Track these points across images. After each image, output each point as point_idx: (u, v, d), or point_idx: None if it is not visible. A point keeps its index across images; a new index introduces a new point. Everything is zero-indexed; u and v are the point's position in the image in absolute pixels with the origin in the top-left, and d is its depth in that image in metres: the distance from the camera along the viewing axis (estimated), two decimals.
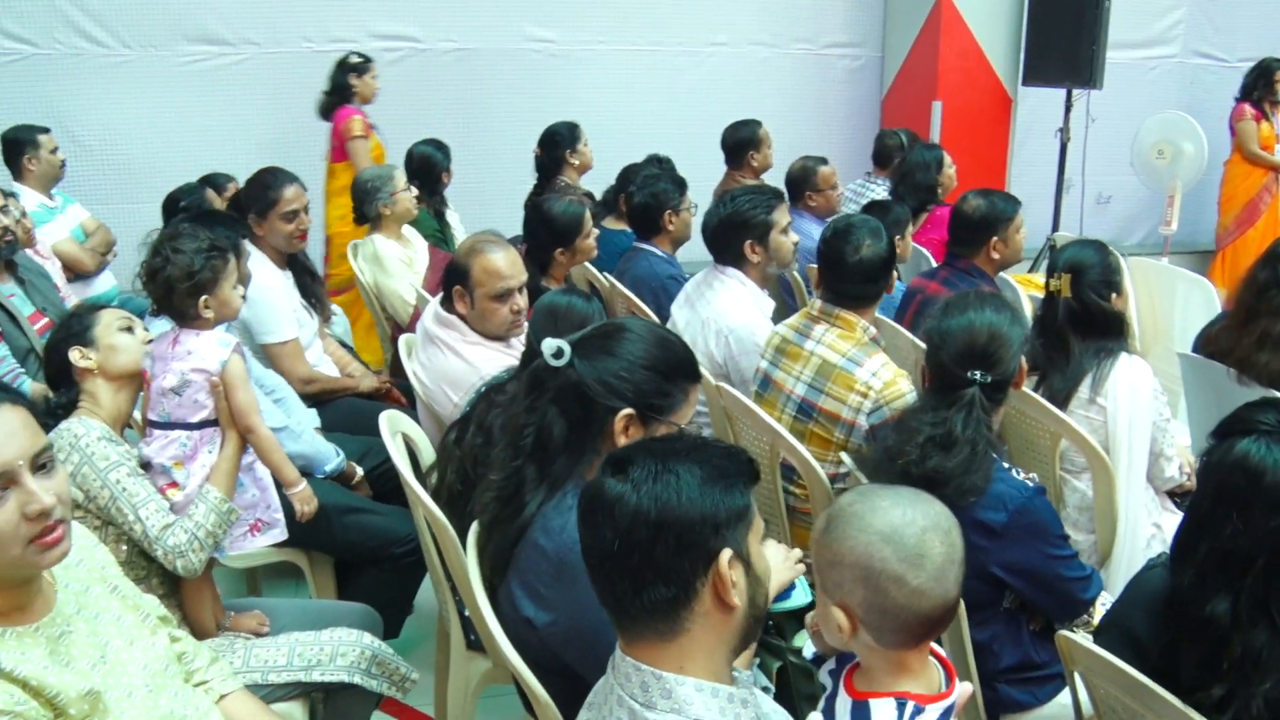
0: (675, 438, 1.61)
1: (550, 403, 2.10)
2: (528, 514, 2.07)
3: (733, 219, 3.72)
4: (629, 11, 7.26)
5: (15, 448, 1.73)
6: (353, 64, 6.17)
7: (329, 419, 3.82)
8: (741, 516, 1.52)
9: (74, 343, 2.60)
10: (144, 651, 2.00)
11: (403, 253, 4.78)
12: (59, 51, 6.74)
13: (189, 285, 2.67)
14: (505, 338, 3.27)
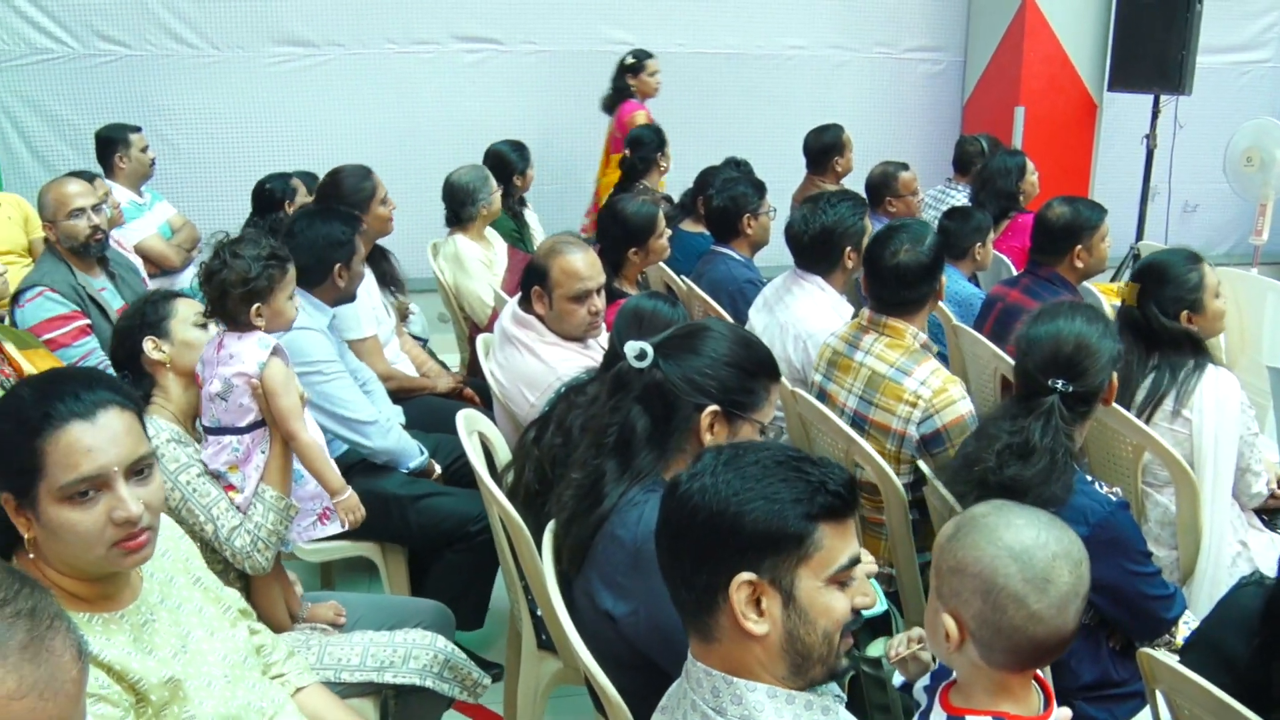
0: (780, 447, 1.56)
1: (634, 402, 2.12)
2: (607, 505, 2.09)
3: (837, 226, 3.68)
4: (708, 14, 7.24)
5: (115, 454, 1.77)
6: (628, 65, 6.38)
7: (405, 415, 3.86)
8: (781, 545, 1.46)
9: (149, 332, 2.61)
10: (224, 643, 2.03)
11: (483, 254, 4.82)
12: (150, 53, 6.88)
13: (243, 291, 2.66)
14: (583, 339, 3.28)
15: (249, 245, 2.72)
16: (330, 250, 3.44)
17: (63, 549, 1.76)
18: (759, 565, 1.47)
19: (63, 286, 3.95)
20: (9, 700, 1.05)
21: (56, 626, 1.11)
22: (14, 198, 5.64)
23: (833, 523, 1.48)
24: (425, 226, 5.31)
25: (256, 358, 2.61)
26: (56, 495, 1.73)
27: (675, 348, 2.14)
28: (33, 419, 1.72)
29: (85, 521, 1.74)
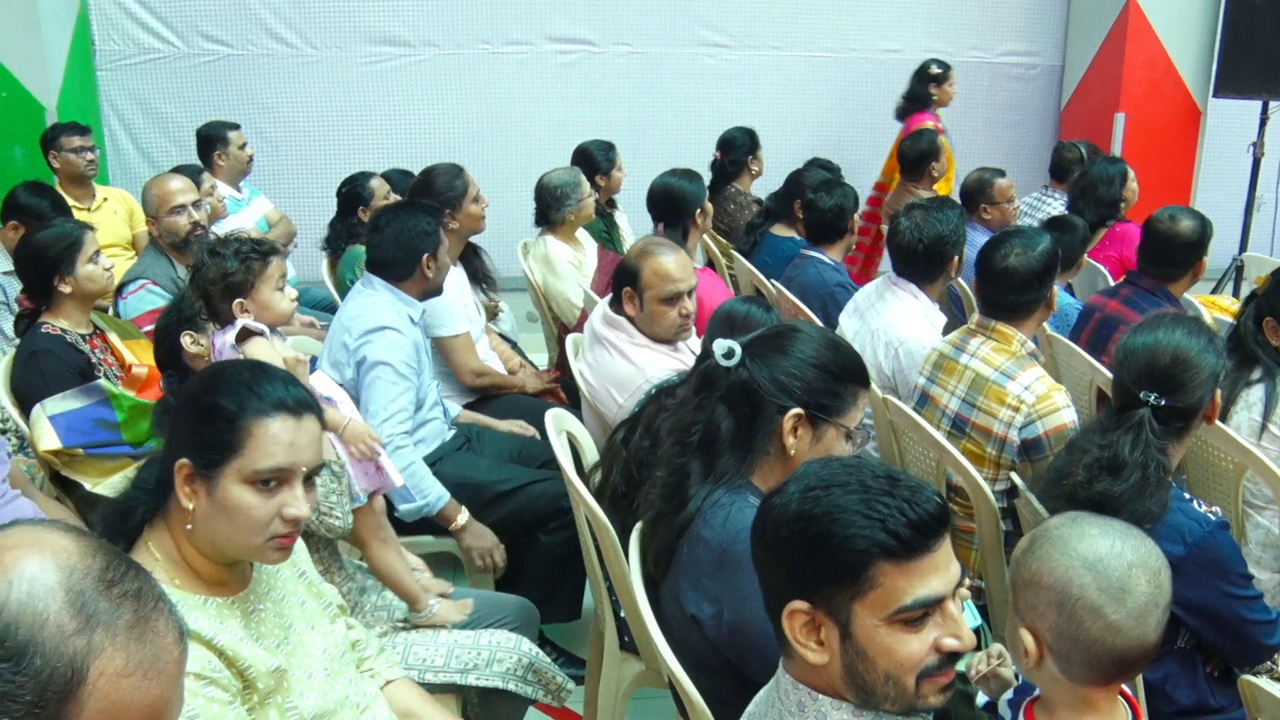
0: (874, 469, 1.48)
1: (719, 400, 2.11)
2: (691, 509, 2.08)
3: (951, 235, 3.62)
4: (802, 18, 7.20)
5: (307, 455, 1.85)
6: (933, 74, 6.42)
7: (492, 414, 3.89)
8: (833, 577, 1.41)
9: (185, 327, 2.65)
10: (323, 637, 2.06)
11: (573, 255, 4.83)
12: (251, 52, 7.04)
13: (223, 287, 2.70)
14: (673, 341, 3.27)
15: (229, 242, 2.76)
16: (416, 241, 3.47)
17: (224, 528, 1.81)
18: (812, 596, 1.43)
19: (164, 280, 4.05)
20: (116, 677, 1.07)
21: (160, 608, 1.13)
22: (120, 192, 5.81)
23: (894, 562, 1.39)
24: (515, 226, 5.35)
25: (230, 333, 2.63)
26: (244, 476, 1.79)
27: (763, 348, 2.12)
28: (250, 399, 1.80)
29: (261, 509, 1.81)
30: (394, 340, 3.33)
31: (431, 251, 3.50)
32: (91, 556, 1.11)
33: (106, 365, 3.47)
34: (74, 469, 3.25)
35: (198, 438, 1.81)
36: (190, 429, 1.83)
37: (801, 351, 2.08)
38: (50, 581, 1.07)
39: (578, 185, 4.88)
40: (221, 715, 1.73)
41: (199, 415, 1.82)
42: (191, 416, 1.84)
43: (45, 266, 3.45)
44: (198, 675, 1.71)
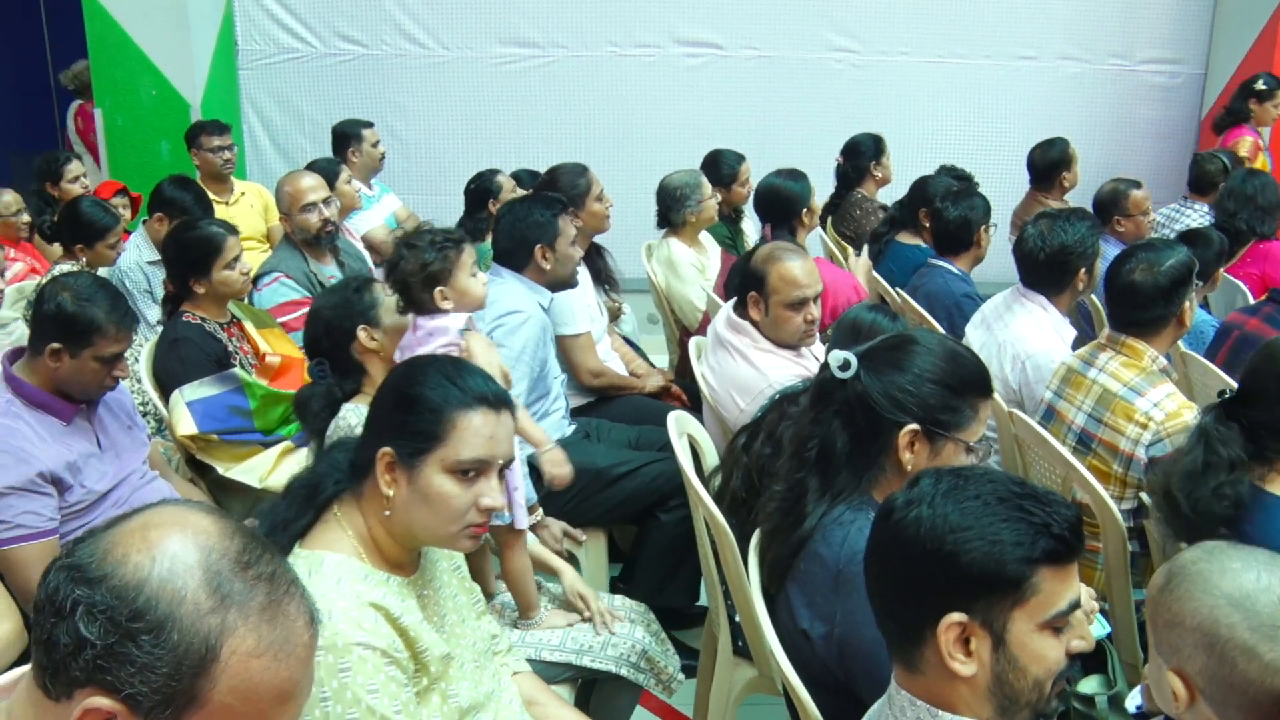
0: (1005, 480, 1.48)
1: (835, 415, 2.08)
2: (808, 526, 2.05)
3: (1076, 246, 3.52)
4: (935, 23, 7.08)
5: (505, 449, 1.92)
6: (1258, 89, 6.34)
7: (612, 415, 3.90)
8: (997, 588, 1.40)
9: (360, 321, 2.71)
10: (472, 630, 2.10)
11: (696, 258, 4.83)
12: (385, 52, 7.19)
13: (423, 277, 2.75)
14: (796, 346, 3.25)
15: (422, 235, 2.81)
16: (529, 231, 3.52)
17: (422, 515, 1.87)
18: (971, 606, 1.41)
19: (296, 273, 4.17)
20: (247, 658, 1.10)
21: (292, 592, 1.16)
22: (256, 187, 5.99)
23: (1054, 567, 1.41)
24: (639, 228, 5.37)
25: (456, 324, 2.71)
26: (445, 466, 1.86)
27: (880, 360, 2.08)
28: (453, 392, 1.88)
29: (461, 498, 1.87)
30: (515, 324, 3.40)
31: (546, 242, 3.54)
32: (230, 538, 1.15)
33: (242, 354, 3.58)
34: (208, 453, 3.37)
35: (402, 427, 1.86)
36: (394, 419, 1.88)
37: (918, 365, 2.04)
38: (190, 560, 1.10)
39: (698, 187, 4.87)
40: (397, 695, 1.77)
41: (404, 406, 1.88)
42: (395, 407, 1.90)
43: (185, 264, 3.59)
44: (384, 652, 1.76)
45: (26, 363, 2.82)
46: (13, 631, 2.38)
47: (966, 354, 2.12)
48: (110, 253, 4.58)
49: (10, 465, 2.64)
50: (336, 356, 2.74)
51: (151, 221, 4.82)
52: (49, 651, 1.08)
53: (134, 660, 1.05)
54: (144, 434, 3.12)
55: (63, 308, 2.73)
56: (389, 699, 1.75)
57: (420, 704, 1.87)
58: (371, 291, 2.76)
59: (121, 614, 1.06)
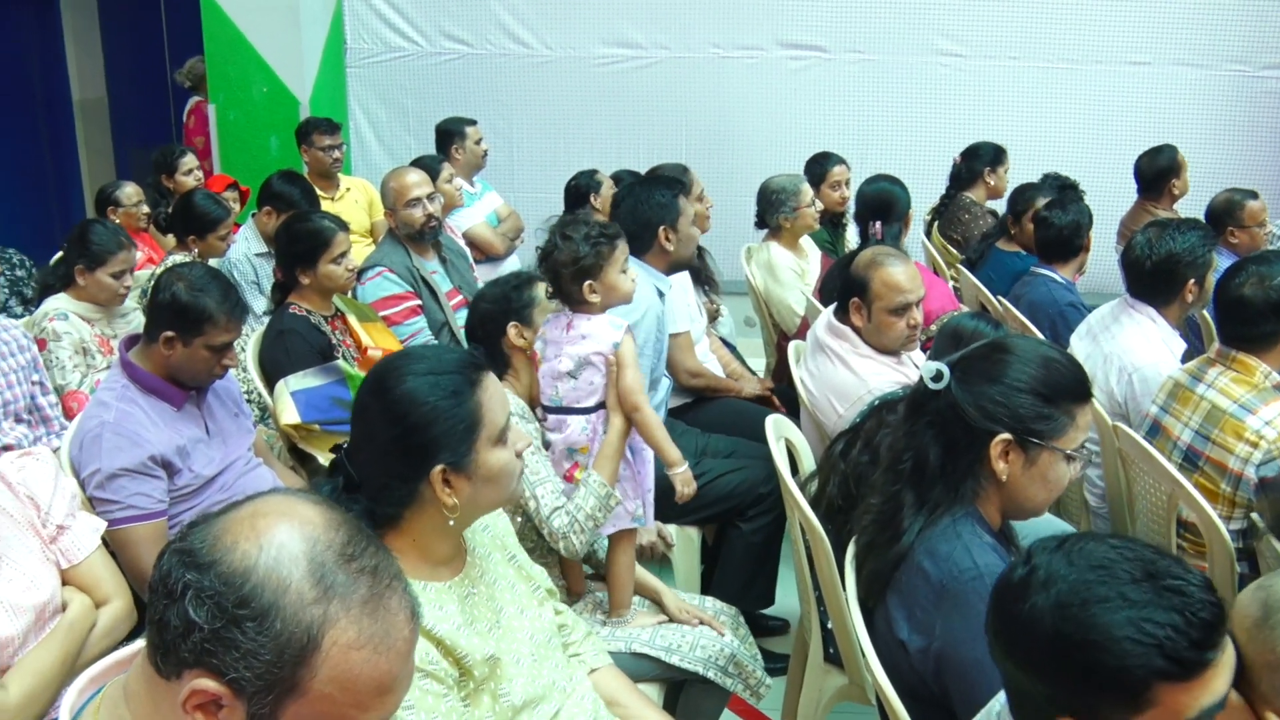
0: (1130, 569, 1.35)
1: (928, 427, 2.04)
2: (906, 542, 2.02)
3: (1184, 256, 3.44)
4: (1044, 27, 6.92)
5: (504, 396, 1.97)
6: None
7: (708, 417, 3.89)
8: (1107, 702, 1.32)
9: (514, 318, 2.75)
10: (532, 621, 2.09)
11: (796, 262, 4.80)
12: (489, 52, 7.26)
13: (574, 270, 2.75)
14: (897, 353, 3.21)
15: (578, 226, 2.82)
16: (653, 212, 3.53)
17: (491, 493, 1.93)
18: (1083, 712, 1.34)
19: (399, 268, 4.23)
20: (348, 649, 1.11)
21: (395, 586, 1.18)
22: (361, 182, 6.10)
23: (1177, 682, 1.30)
24: (738, 230, 5.36)
25: (611, 337, 2.72)
26: (493, 440, 1.91)
27: (972, 370, 2.03)
28: (467, 379, 1.90)
29: (512, 459, 1.94)
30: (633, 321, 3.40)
31: (669, 222, 3.56)
32: (335, 530, 1.17)
33: (345, 346, 3.65)
34: (310, 443, 3.43)
35: (443, 441, 1.86)
36: (430, 438, 1.86)
37: (1010, 373, 1.99)
38: (296, 550, 1.13)
39: (796, 192, 4.83)
40: (435, 708, 1.78)
41: (434, 422, 1.86)
42: (417, 431, 1.86)
43: (293, 255, 3.67)
44: (416, 667, 1.76)
45: (142, 349, 2.90)
46: (122, 609, 2.44)
47: (1062, 359, 2.07)
48: (221, 244, 4.70)
49: (124, 448, 2.72)
50: (489, 346, 2.80)
51: (260, 215, 4.94)
52: (161, 632, 1.11)
53: (239, 646, 1.08)
54: (250, 421, 3.19)
55: (177, 297, 2.81)
56: (426, 712, 1.76)
57: (471, 706, 1.88)
58: (531, 290, 2.79)
59: (228, 600, 1.09)
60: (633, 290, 2.88)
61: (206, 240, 4.63)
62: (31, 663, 2.20)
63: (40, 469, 2.41)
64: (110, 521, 2.63)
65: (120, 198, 5.34)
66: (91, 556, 2.40)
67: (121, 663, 1.29)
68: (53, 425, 3.56)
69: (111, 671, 1.28)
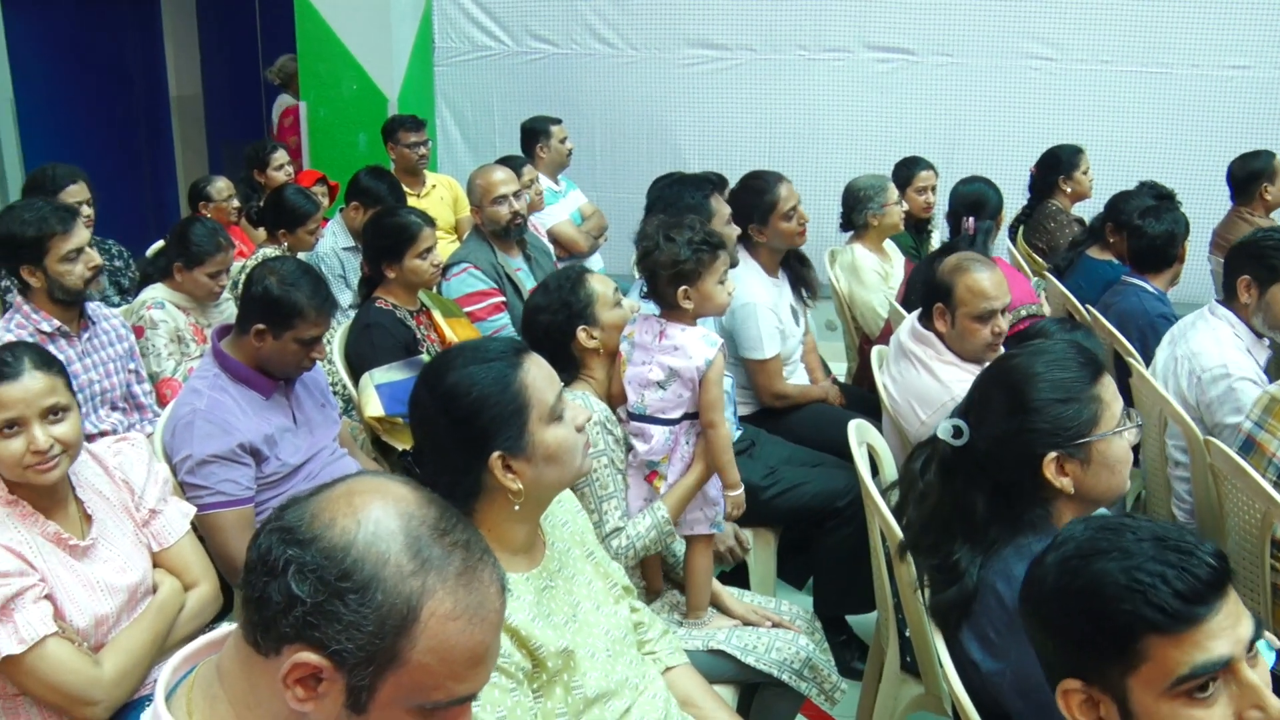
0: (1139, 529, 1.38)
1: (967, 483, 2.01)
2: (969, 583, 1.98)
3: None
4: (1138, 30, 6.77)
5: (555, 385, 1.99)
6: None
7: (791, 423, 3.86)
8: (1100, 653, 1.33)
9: (579, 322, 2.71)
10: (607, 617, 2.10)
11: (880, 266, 4.76)
12: (574, 52, 7.30)
13: (671, 273, 2.74)
14: (981, 360, 3.17)
15: (683, 230, 2.80)
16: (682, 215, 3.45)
17: (554, 472, 1.94)
18: (1086, 671, 1.35)
19: (484, 265, 4.27)
20: (444, 620, 1.14)
21: (486, 560, 1.20)
22: (447, 179, 6.18)
23: (1164, 634, 1.30)
24: (822, 233, 5.30)
25: (704, 354, 2.69)
26: (545, 418, 1.92)
27: (987, 413, 2.00)
28: (508, 363, 1.93)
29: (571, 434, 1.97)
30: None
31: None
32: (427, 507, 1.19)
33: (429, 341, 3.69)
34: (393, 435, 3.48)
35: (494, 427, 1.88)
36: (480, 426, 1.88)
37: (1025, 398, 1.96)
38: (392, 526, 1.15)
39: (882, 190, 4.79)
40: (501, 701, 1.79)
41: (481, 410, 1.88)
42: (467, 420, 1.89)
43: (380, 249, 3.72)
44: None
45: (233, 339, 2.97)
46: (209, 593, 2.50)
47: (1056, 351, 2.03)
48: (310, 238, 4.78)
49: (215, 435, 2.79)
50: (557, 354, 2.73)
51: (348, 210, 5.02)
52: (260, 608, 1.14)
53: (341, 618, 1.10)
54: (335, 412, 3.25)
55: (269, 290, 2.87)
56: (491, 707, 1.77)
57: (543, 698, 1.89)
58: (586, 287, 2.76)
59: (330, 574, 1.11)
60: (727, 303, 2.87)
61: (296, 234, 4.71)
62: (124, 641, 2.27)
63: (135, 454, 2.48)
64: (199, 507, 2.70)
65: (211, 192, 5.46)
66: (181, 541, 2.47)
67: (213, 644, 1.32)
68: (146, 412, 3.66)
69: (203, 652, 1.31)
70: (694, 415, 2.73)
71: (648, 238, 2.81)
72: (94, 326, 3.49)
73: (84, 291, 3.39)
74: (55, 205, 3.44)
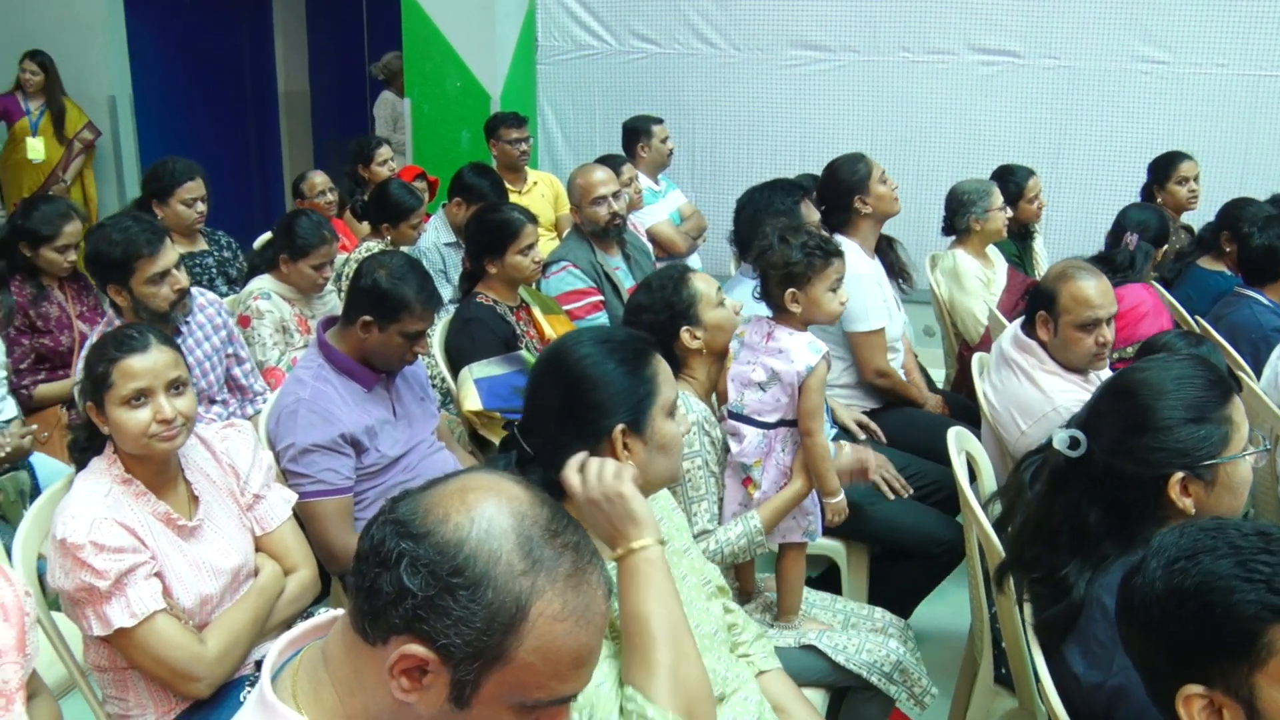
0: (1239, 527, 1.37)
1: (1082, 494, 1.97)
2: (1076, 596, 1.95)
3: None
4: (1259, 32, 6.55)
5: (675, 386, 2.00)
6: None
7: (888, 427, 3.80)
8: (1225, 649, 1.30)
9: (682, 323, 2.70)
10: (699, 613, 2.09)
11: (982, 271, 4.68)
12: (677, 51, 7.30)
13: (781, 274, 2.74)
14: (1085, 370, 3.10)
15: (799, 232, 2.79)
16: (773, 220, 3.38)
17: (661, 463, 1.93)
18: (1206, 674, 1.31)
19: (583, 264, 4.29)
20: (553, 620, 1.15)
21: (594, 563, 1.21)
22: (549, 177, 6.23)
23: None
24: (923, 237, 5.25)
25: (806, 359, 2.68)
26: (666, 410, 1.94)
27: (1109, 426, 1.95)
28: (640, 349, 1.96)
29: (680, 435, 1.97)
30: None
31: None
32: (540, 507, 1.21)
33: (528, 337, 3.72)
34: (490, 430, 3.52)
35: (621, 400, 1.89)
36: (607, 396, 1.89)
37: (1154, 416, 1.91)
38: (505, 524, 1.16)
39: (987, 195, 4.71)
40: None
41: (611, 383, 1.89)
42: (601, 388, 1.89)
43: (482, 245, 3.76)
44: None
45: (338, 331, 3.02)
46: (308, 578, 2.56)
47: (1187, 370, 1.97)
48: (412, 233, 4.86)
49: (318, 424, 2.84)
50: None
51: (450, 205, 5.09)
52: (371, 598, 1.16)
53: (450, 613, 1.12)
54: (434, 406, 3.29)
55: (377, 284, 2.91)
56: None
57: None
58: (690, 287, 2.74)
59: (443, 569, 1.13)
60: (839, 313, 2.84)
61: (399, 228, 4.79)
62: (227, 621, 2.34)
63: (241, 440, 2.55)
64: (300, 494, 2.75)
65: (304, 189, 5.59)
66: (283, 526, 2.53)
67: (317, 628, 1.35)
68: (247, 393, 3.75)
69: (308, 636, 1.34)
70: (792, 423, 2.72)
71: (765, 237, 2.80)
72: (188, 326, 3.54)
73: (170, 315, 3.36)
74: (144, 225, 3.38)
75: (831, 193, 4.04)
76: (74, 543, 2.11)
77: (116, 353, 2.27)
